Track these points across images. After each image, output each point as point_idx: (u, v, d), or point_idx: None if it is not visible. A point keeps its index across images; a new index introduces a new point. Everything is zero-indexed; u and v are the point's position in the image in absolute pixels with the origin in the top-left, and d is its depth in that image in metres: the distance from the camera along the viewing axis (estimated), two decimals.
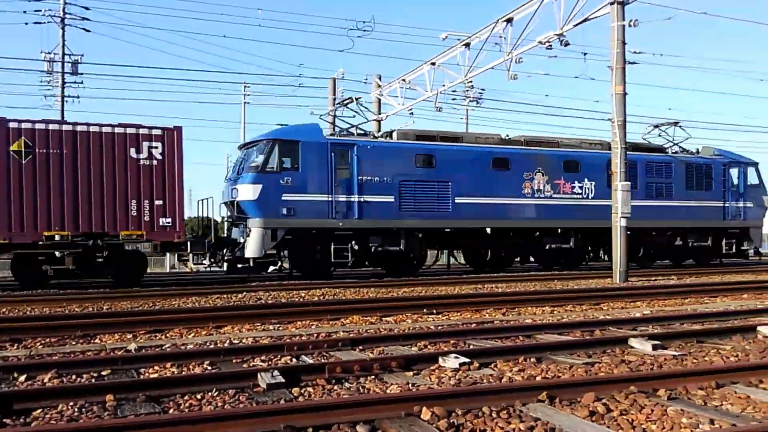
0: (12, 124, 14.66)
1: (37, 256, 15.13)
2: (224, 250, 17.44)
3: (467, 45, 19.82)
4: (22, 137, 14.64)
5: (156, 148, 15.56)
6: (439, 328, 8.52)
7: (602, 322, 8.77)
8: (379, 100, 26.49)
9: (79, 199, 14.96)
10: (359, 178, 17.64)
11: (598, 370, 5.70)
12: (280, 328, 8.71)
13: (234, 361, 6.34)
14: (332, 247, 17.44)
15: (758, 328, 7.79)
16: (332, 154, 17.38)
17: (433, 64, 21.55)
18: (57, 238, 14.80)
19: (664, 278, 17.60)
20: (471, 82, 21.46)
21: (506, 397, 4.53)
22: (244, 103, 39.71)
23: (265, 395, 4.89)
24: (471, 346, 7.06)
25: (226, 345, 7.30)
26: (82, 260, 15.28)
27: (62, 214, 14.85)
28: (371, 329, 8.52)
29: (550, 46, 16.51)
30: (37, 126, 14.91)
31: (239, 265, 17.30)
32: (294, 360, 6.38)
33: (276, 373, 5.22)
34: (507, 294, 12.92)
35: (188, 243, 16.54)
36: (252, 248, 16.50)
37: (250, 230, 16.67)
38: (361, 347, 6.97)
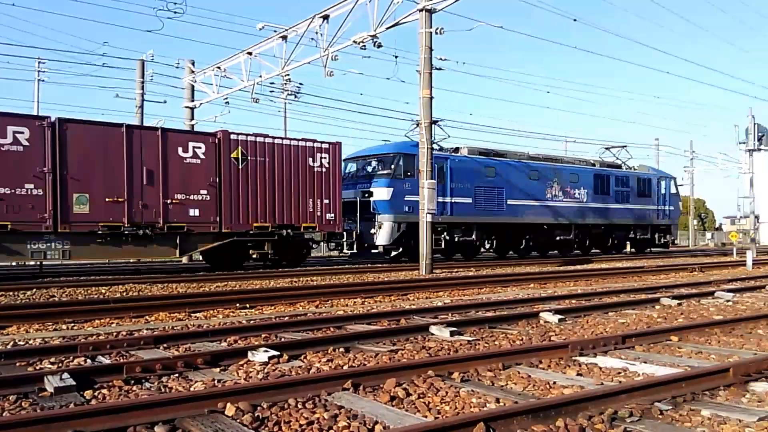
0: (233, 136, 17.98)
1: (247, 243, 18.43)
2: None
3: (284, 38, 19.72)
4: (239, 147, 17.99)
5: (324, 158, 19.57)
6: (251, 322, 8.39)
7: (408, 311, 9.23)
8: (192, 86, 25.40)
9: (276, 198, 18.64)
10: (451, 184, 22.33)
11: (401, 357, 5.99)
12: (75, 328, 8.03)
13: (18, 364, 5.73)
14: (433, 237, 21.18)
15: (540, 314, 8.68)
16: (435, 165, 20.35)
17: (250, 53, 21.13)
18: (256, 230, 18.48)
19: (465, 270, 18.95)
20: (288, 75, 21.39)
21: (313, 388, 4.59)
22: (38, 80, 35.88)
23: (53, 400, 4.48)
24: (282, 339, 7.06)
25: (9, 347, 6.56)
26: (276, 246, 18.86)
27: (265, 209, 18.44)
28: (178, 326, 8.16)
29: (364, 46, 16.98)
30: (249, 138, 18.32)
31: (373, 251, 21.75)
32: (89, 361, 5.92)
33: (66, 375, 4.80)
34: (321, 287, 13.08)
35: (344, 233, 20.51)
36: (383, 237, 20.77)
37: (381, 224, 20.78)
38: (165, 345, 6.65)
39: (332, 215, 19.69)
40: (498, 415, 3.66)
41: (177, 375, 5.27)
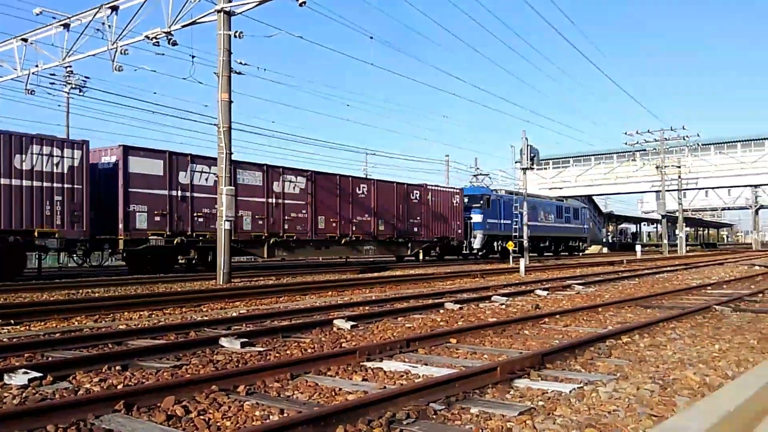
0: (429, 186, 32.26)
1: (431, 246, 33.30)
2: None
3: (66, 26, 18.01)
4: (429, 193, 32.03)
5: (457, 197, 34.21)
6: (14, 340, 7.46)
7: (198, 323, 8.83)
8: None
9: (441, 221, 32.50)
10: (503, 212, 36.74)
11: (185, 373, 5.67)
12: None
13: None
14: (495, 244, 36.54)
15: (334, 321, 8.79)
16: (497, 201, 36.77)
17: (25, 40, 18.99)
18: (436, 239, 32.71)
19: (265, 279, 18.71)
20: (71, 66, 19.55)
21: (78, 411, 4.15)
22: None
23: None
24: (49, 359, 6.34)
25: None
26: (441, 248, 34.15)
27: (439, 228, 32.36)
28: None
29: (158, 42, 16.08)
30: (432, 187, 32.72)
31: (472, 251, 35.67)
32: None
33: None
34: (103, 299, 12.06)
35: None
36: (477, 244, 35.21)
37: (476, 236, 35.16)
38: None
39: (460, 231, 34.05)
40: (278, 427, 3.58)
41: None
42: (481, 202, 35.97)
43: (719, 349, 6.80)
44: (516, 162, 32.85)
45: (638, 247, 48.07)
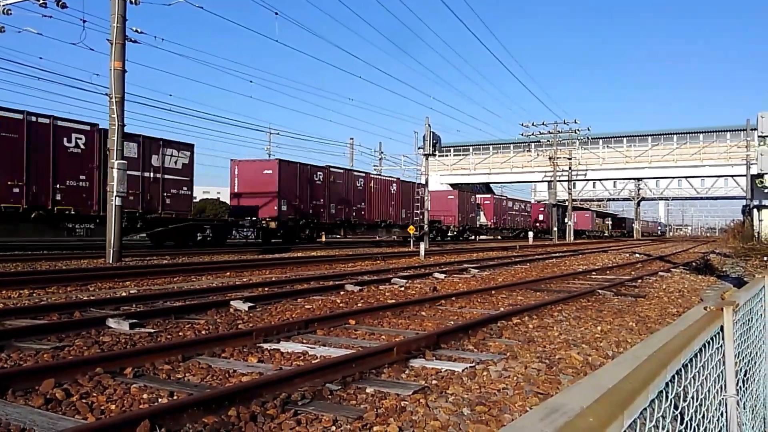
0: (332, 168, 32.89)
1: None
2: None
3: None
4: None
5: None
6: None
7: (85, 303, 8.38)
8: None
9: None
10: None
11: (68, 354, 5.36)
12: None
13: None
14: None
15: (231, 302, 8.59)
16: None
17: None
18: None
19: (159, 258, 18.01)
20: None
21: None
22: None
23: None
24: None
25: None
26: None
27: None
28: None
29: (45, 4, 14.94)
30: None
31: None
32: None
33: None
34: None
35: None
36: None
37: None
38: None
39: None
40: (166, 410, 3.46)
41: None
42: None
43: (601, 330, 7.23)
44: (419, 148, 33.35)
45: (530, 234, 50.25)
